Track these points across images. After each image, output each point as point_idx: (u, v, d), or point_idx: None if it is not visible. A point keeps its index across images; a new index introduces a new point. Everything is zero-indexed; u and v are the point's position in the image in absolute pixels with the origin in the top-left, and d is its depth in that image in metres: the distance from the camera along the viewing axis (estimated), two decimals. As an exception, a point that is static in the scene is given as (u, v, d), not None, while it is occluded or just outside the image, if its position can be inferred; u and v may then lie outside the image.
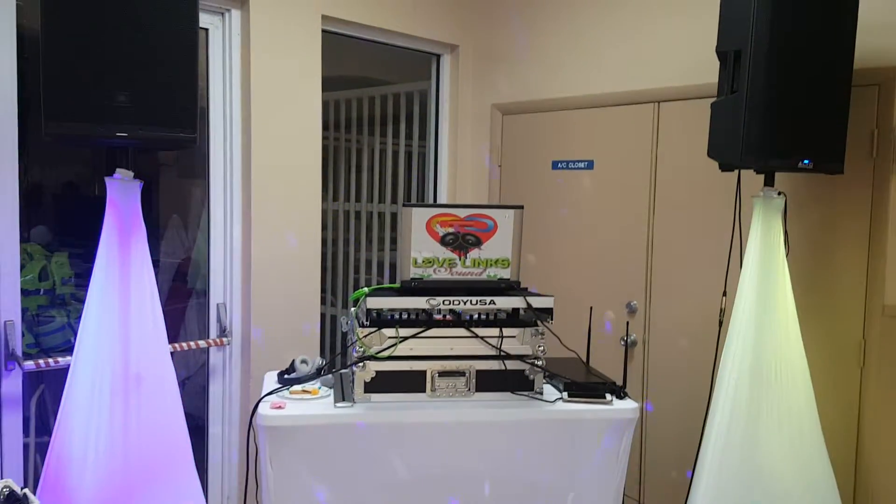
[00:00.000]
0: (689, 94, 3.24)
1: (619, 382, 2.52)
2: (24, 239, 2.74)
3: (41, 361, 2.68)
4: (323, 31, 3.42)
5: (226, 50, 3.18)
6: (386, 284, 2.53)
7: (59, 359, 2.71)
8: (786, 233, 2.62)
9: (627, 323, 3.41)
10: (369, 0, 3.58)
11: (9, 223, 2.61)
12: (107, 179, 2.21)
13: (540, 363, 2.39)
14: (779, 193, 2.59)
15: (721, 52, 2.64)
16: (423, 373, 2.34)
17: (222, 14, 3.17)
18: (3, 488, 1.74)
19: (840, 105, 2.53)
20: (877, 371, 2.77)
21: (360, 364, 2.30)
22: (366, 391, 2.31)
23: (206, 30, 3.12)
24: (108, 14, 2.03)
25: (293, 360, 2.57)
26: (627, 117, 3.49)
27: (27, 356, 2.75)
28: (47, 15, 2.00)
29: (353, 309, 2.41)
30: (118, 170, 2.21)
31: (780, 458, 2.51)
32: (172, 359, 2.36)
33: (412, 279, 2.36)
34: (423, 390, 2.34)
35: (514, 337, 2.37)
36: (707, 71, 2.89)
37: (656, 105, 3.39)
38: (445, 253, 2.36)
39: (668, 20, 3.34)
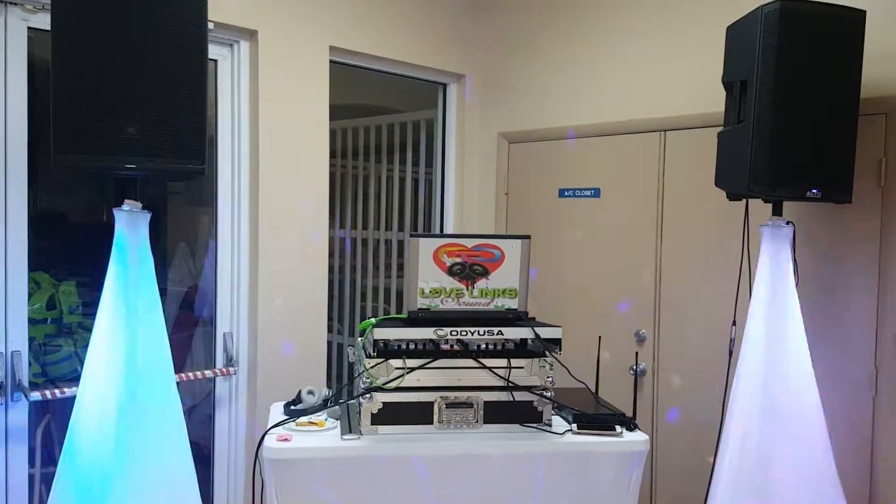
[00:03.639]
0: (695, 123, 3.25)
1: (629, 413, 2.49)
2: (33, 268, 2.75)
3: (47, 392, 2.67)
4: (330, 61, 3.45)
5: (234, 80, 3.20)
6: (393, 314, 2.52)
7: (66, 389, 2.70)
8: (795, 262, 2.60)
9: (637, 353, 3.38)
10: (376, 31, 3.62)
11: (17, 252, 2.62)
12: (115, 210, 2.22)
13: (548, 394, 2.37)
14: (787, 223, 2.59)
15: (727, 82, 2.65)
16: (431, 404, 2.32)
17: (231, 46, 3.20)
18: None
19: (847, 134, 2.53)
20: (889, 399, 2.74)
21: (367, 395, 2.28)
22: (373, 423, 2.29)
23: (216, 61, 3.15)
24: (118, 46, 2.05)
25: (299, 391, 2.55)
26: (634, 146, 3.49)
27: (34, 385, 2.74)
28: (58, 47, 2.02)
29: (360, 339, 2.40)
30: (126, 200, 2.22)
31: (793, 489, 2.47)
32: (179, 388, 2.35)
33: (419, 309, 2.35)
34: (431, 422, 2.32)
35: (522, 368, 2.36)
36: (713, 100, 2.89)
37: (662, 134, 3.39)
38: (453, 283, 2.36)
39: (673, 49, 3.35)
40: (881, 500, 2.76)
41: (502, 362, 2.35)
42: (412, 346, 2.34)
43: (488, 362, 2.34)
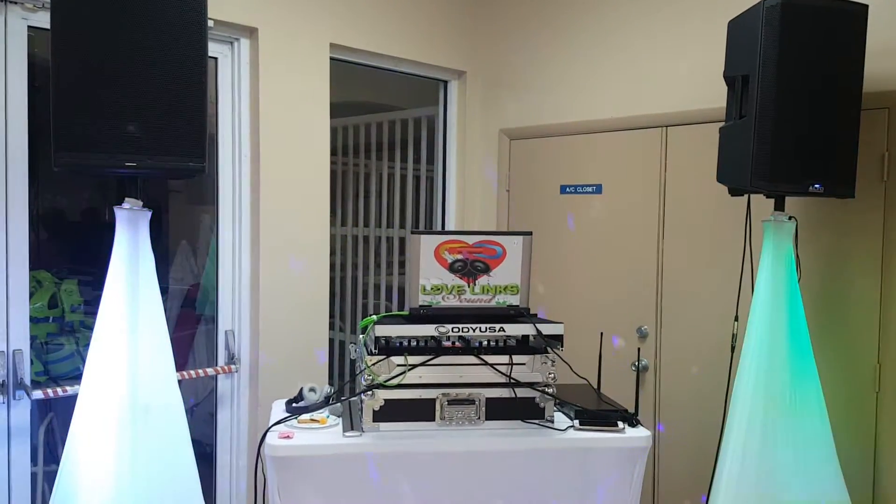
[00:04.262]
0: (696, 118, 3.24)
1: (631, 409, 2.49)
2: (34, 266, 2.75)
3: (49, 391, 2.67)
4: (331, 58, 3.44)
5: (235, 78, 3.20)
6: (394, 312, 2.52)
7: (68, 388, 2.70)
8: (797, 257, 2.60)
9: (639, 349, 3.38)
10: (377, 28, 3.61)
11: (19, 251, 2.62)
12: (115, 208, 2.21)
13: (550, 390, 2.37)
14: (789, 218, 2.58)
15: (729, 77, 2.64)
16: (433, 401, 2.31)
17: (231, 43, 3.19)
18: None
19: (850, 129, 2.52)
20: (892, 395, 2.73)
21: (369, 392, 2.28)
22: (374, 420, 2.28)
23: (216, 59, 3.14)
24: (118, 45, 2.05)
25: (301, 388, 2.55)
26: (635, 142, 3.48)
27: (36, 384, 2.74)
28: (58, 45, 2.02)
29: (361, 336, 2.40)
30: (127, 199, 2.21)
31: (796, 485, 2.47)
32: (180, 386, 2.35)
33: (421, 306, 2.34)
34: (433, 419, 2.32)
35: (524, 364, 2.35)
36: (715, 95, 2.89)
37: (664, 129, 3.38)
38: (454, 280, 2.35)
39: (675, 45, 3.34)
40: (884, 496, 2.76)
41: (504, 359, 2.34)
42: (414, 343, 2.34)
43: (490, 359, 2.34)
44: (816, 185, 2.48)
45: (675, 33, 3.35)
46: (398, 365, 2.29)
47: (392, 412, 2.30)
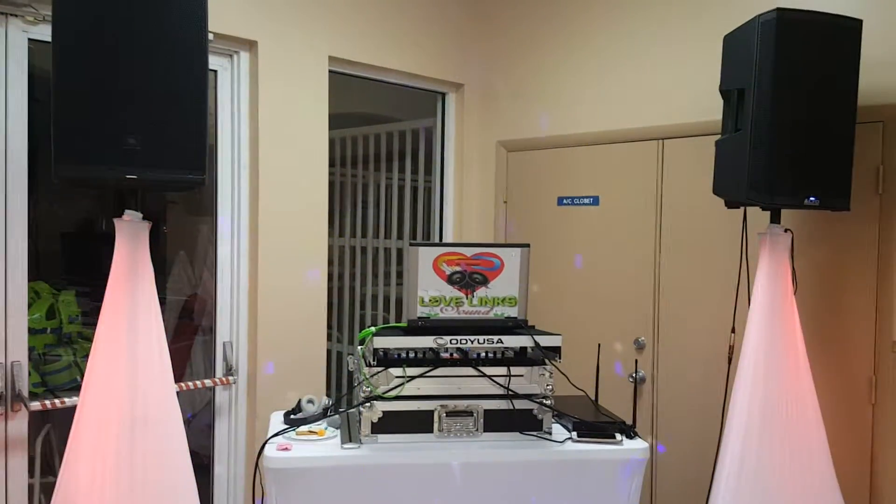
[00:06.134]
0: (693, 131, 3.26)
1: (629, 421, 2.50)
2: (32, 277, 2.75)
3: (47, 402, 2.67)
4: (330, 71, 3.46)
5: (234, 91, 3.22)
6: (393, 323, 2.53)
7: (66, 399, 2.69)
8: (793, 269, 2.61)
9: (636, 360, 3.39)
10: (375, 41, 3.63)
11: (17, 262, 2.62)
12: (115, 221, 2.22)
13: (548, 402, 2.37)
14: (785, 230, 2.59)
15: (725, 91, 2.66)
16: (431, 413, 2.32)
17: (231, 56, 3.21)
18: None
19: (845, 142, 2.54)
20: (888, 407, 2.74)
21: (368, 404, 2.29)
22: (373, 432, 2.29)
23: (216, 72, 3.16)
24: (119, 58, 2.06)
25: (299, 400, 2.55)
26: (632, 154, 3.50)
27: (33, 396, 2.73)
28: (58, 58, 2.03)
29: (359, 348, 2.40)
30: (126, 211, 2.22)
31: (793, 497, 2.47)
32: (178, 398, 2.35)
33: (419, 318, 2.35)
34: (431, 430, 2.32)
35: (521, 376, 2.36)
36: (711, 108, 2.91)
37: (660, 142, 3.40)
38: (452, 292, 2.36)
39: (671, 58, 3.37)
40: (881, 508, 2.76)
41: (502, 370, 2.35)
42: (412, 355, 2.35)
43: (488, 370, 2.34)
44: (812, 198, 2.49)
45: (671, 47, 3.37)
46: (396, 377, 2.29)
47: (390, 424, 2.30)
